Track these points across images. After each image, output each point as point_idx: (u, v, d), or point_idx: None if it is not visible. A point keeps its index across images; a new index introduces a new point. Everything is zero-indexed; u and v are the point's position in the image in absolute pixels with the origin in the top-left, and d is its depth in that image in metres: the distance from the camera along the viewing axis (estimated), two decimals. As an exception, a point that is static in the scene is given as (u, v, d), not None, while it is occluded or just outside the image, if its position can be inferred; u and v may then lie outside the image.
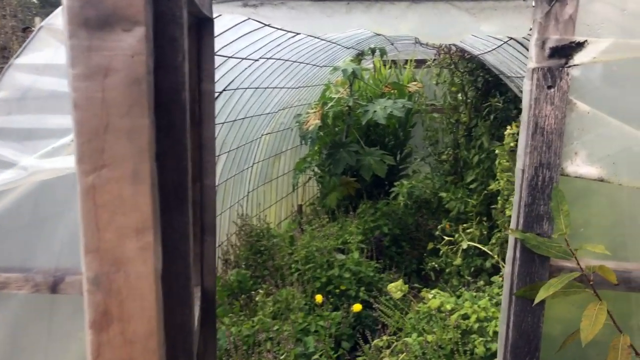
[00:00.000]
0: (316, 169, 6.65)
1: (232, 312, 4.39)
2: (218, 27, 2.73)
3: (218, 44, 2.84)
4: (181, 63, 0.67)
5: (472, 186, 5.83)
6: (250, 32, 3.03)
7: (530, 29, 1.40)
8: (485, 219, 5.37)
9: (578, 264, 1.32)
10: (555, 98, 1.33)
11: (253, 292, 4.59)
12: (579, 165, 1.36)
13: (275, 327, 3.92)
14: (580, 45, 1.32)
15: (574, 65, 1.32)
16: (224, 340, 3.84)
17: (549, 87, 1.34)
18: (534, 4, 1.36)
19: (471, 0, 1.38)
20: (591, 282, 1.30)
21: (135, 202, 0.60)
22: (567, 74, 1.32)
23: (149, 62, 0.60)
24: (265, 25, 2.98)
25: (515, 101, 5.69)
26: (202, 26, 1.44)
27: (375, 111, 5.67)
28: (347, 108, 6.12)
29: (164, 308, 0.65)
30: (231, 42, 2.97)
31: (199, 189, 1.50)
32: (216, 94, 3.61)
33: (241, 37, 2.99)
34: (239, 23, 2.75)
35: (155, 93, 0.63)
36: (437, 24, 1.45)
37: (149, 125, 0.59)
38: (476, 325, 3.23)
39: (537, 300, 1.26)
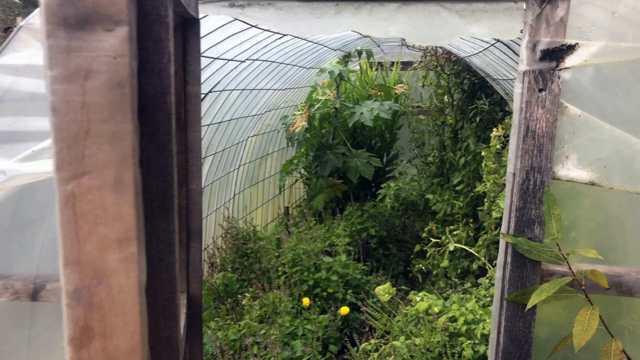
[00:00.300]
0: (303, 171, 6.63)
1: (218, 316, 4.35)
2: (204, 28, 2.70)
3: (204, 45, 2.80)
4: (166, 65, 0.64)
5: (458, 188, 5.85)
6: (237, 33, 2.99)
7: (521, 32, 1.39)
8: (471, 220, 5.39)
9: (570, 268, 1.31)
10: (547, 101, 1.32)
11: (239, 296, 4.55)
12: (570, 169, 1.35)
13: (262, 331, 3.88)
14: (571, 48, 1.31)
15: (565, 68, 1.31)
16: (210, 345, 3.79)
17: (540, 90, 1.32)
18: (524, 6, 1.35)
19: (462, 2, 1.37)
20: (583, 287, 1.29)
21: (117, 212, 0.57)
22: (559, 77, 1.31)
23: (133, 64, 0.56)
24: (252, 26, 2.94)
25: (501, 103, 5.73)
26: (188, 26, 1.41)
27: (362, 113, 5.66)
28: (333, 110, 6.11)
29: (149, 322, 0.61)
30: (217, 43, 2.93)
31: (185, 194, 1.47)
32: (202, 96, 3.56)
33: (228, 38, 2.95)
34: (225, 24, 2.71)
35: (139, 96, 0.60)
36: (427, 26, 1.43)
37: (132, 130, 0.56)
38: (464, 328, 3.23)
39: (529, 306, 1.25)
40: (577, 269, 1.35)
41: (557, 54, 1.31)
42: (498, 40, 3.21)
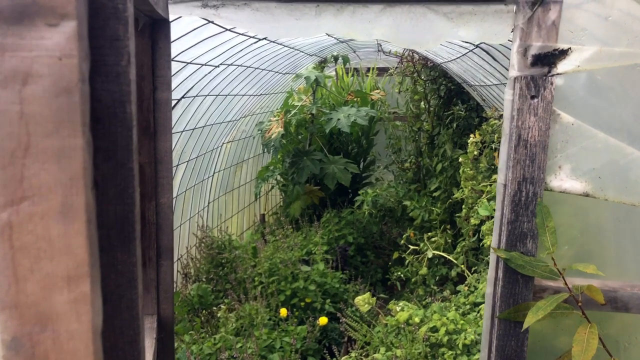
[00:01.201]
0: (279, 178, 6.52)
1: (193, 329, 4.20)
2: (176, 31, 2.59)
3: (176, 48, 2.69)
4: (126, 68, 0.54)
5: (435, 194, 5.82)
6: (211, 36, 2.88)
7: (511, 35, 1.32)
8: (449, 227, 5.35)
9: (566, 284, 1.24)
10: (539, 108, 1.26)
11: (215, 308, 4.41)
12: (563, 180, 1.29)
13: (239, 345, 3.75)
14: (563, 53, 1.25)
15: (558, 73, 1.25)
16: (184, 360, 3.64)
17: (533, 97, 1.26)
18: (515, 9, 1.29)
19: (449, 4, 1.30)
20: (580, 304, 1.23)
21: (65, 244, 0.47)
22: (551, 83, 1.25)
23: (83, 66, 0.46)
24: (227, 29, 2.84)
25: (477, 109, 5.73)
26: (157, 28, 1.30)
27: (339, 119, 5.59)
28: (310, 116, 6.03)
29: (106, 371, 0.52)
30: (190, 47, 2.82)
31: (154, 208, 1.36)
32: (174, 102, 3.44)
33: (201, 42, 2.84)
34: (198, 27, 2.60)
35: (92, 105, 0.50)
36: (412, 29, 1.35)
37: (83, 145, 0.46)
38: (445, 339, 3.17)
39: (525, 326, 1.17)
40: (571, 284, 1.29)
41: (549, 59, 1.25)
42: (477, 46, 3.18)
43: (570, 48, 1.24)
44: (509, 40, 1.33)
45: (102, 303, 0.53)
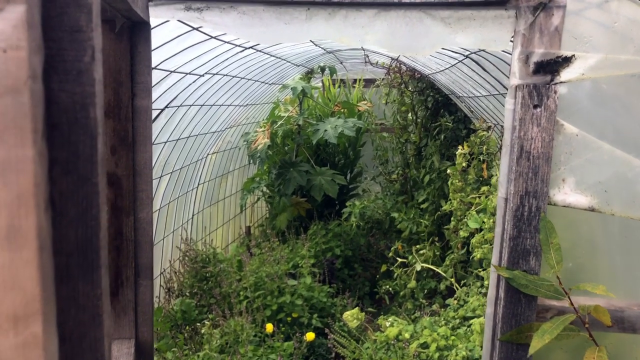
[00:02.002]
0: (265, 189, 6.43)
1: (176, 346, 4.06)
2: (159, 38, 2.50)
3: (159, 56, 2.60)
4: (89, 65, 0.46)
5: (423, 206, 5.77)
6: (196, 44, 2.80)
7: (512, 42, 1.26)
8: (437, 239, 5.30)
9: (572, 304, 1.17)
10: (542, 118, 1.19)
11: (199, 324, 4.27)
12: (568, 194, 1.22)
13: (223, 363, 3.63)
14: (567, 60, 1.18)
15: (561, 82, 1.19)
16: (166, 379, 3.51)
17: (535, 107, 1.19)
18: (516, 14, 1.22)
19: (447, 8, 1.23)
20: (587, 326, 1.15)
21: (11, 276, 0.39)
22: (555, 92, 1.19)
23: (34, 61, 0.38)
24: (212, 37, 2.76)
25: (464, 121, 5.71)
26: (137, 31, 1.22)
27: (326, 130, 5.53)
28: (296, 127, 5.96)
29: None
30: (174, 55, 2.73)
31: (132, 224, 1.26)
32: (158, 111, 3.34)
33: (185, 49, 2.76)
34: (183, 34, 2.52)
35: (47, 109, 0.42)
36: (408, 35, 1.29)
37: (34, 157, 0.38)
38: (436, 355, 3.09)
39: (532, 351, 1.10)
40: (576, 303, 1.22)
41: (552, 66, 1.19)
42: (467, 57, 3.14)
43: (574, 55, 1.18)
44: (503, 51, 1.27)
45: (59, 344, 0.44)
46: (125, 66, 1.21)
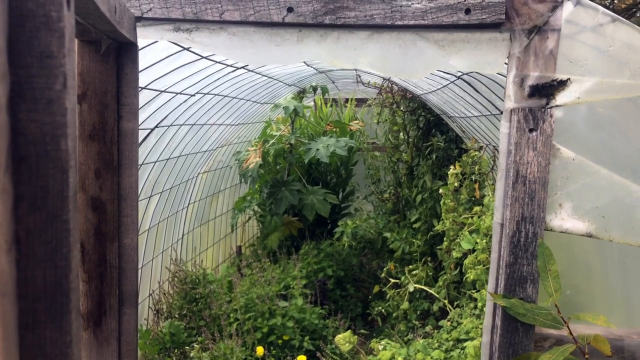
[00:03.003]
0: (256, 208, 6.37)
1: (164, 370, 3.97)
2: (149, 58, 2.48)
3: (150, 76, 2.57)
4: (60, 93, 0.43)
5: (415, 226, 5.74)
6: (186, 64, 2.78)
7: (506, 65, 1.24)
8: (430, 259, 5.25)
9: (571, 334, 1.14)
10: (538, 143, 1.17)
11: (187, 347, 4.18)
12: (565, 219, 1.20)
13: (212, 388, 3.54)
14: (562, 84, 1.17)
15: (557, 105, 1.17)
16: (153, 405, 3.41)
17: (531, 130, 1.17)
18: (510, 37, 1.21)
19: (441, 31, 1.22)
20: (587, 356, 1.12)
21: (-32, 325, 0.35)
22: (551, 116, 1.17)
23: (-1, 90, 0.35)
24: (203, 57, 2.74)
25: (456, 141, 5.72)
26: (123, 52, 1.19)
27: (318, 149, 5.51)
28: (288, 146, 5.94)
29: None
30: (164, 75, 2.71)
31: (117, 250, 1.22)
32: (148, 131, 3.30)
33: (176, 69, 2.73)
34: (173, 54, 2.50)
35: (14, 141, 0.38)
36: (401, 57, 1.27)
37: (-4, 194, 0.35)
38: (430, 379, 3.02)
39: (531, 385, 1.06)
40: (574, 332, 1.18)
41: (547, 90, 1.17)
42: (459, 77, 3.14)
43: (569, 79, 1.17)
44: (498, 74, 1.25)
45: (24, 398, 0.40)
46: (112, 88, 1.18)
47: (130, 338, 1.27)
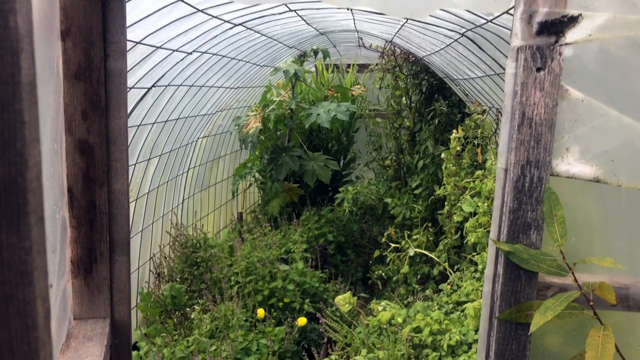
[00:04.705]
0: (257, 175, 6.34)
1: (165, 331, 4.00)
2: (142, 9, 2.40)
3: (144, 29, 2.50)
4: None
5: (417, 192, 5.71)
6: (181, 18, 2.69)
7: (513, 1, 1.17)
8: (430, 225, 5.24)
9: (576, 281, 1.10)
10: (546, 82, 1.11)
11: (188, 309, 4.21)
12: (571, 164, 1.15)
13: (213, 348, 3.57)
14: (573, 20, 1.10)
15: (567, 43, 1.11)
16: (155, 364, 3.44)
17: (539, 70, 1.11)
18: (519, -30, 1.14)
19: (445, -36, 1.15)
20: (591, 303, 1.09)
21: None
22: (560, 54, 1.11)
23: None
24: (199, 10, 2.65)
25: (459, 105, 5.63)
26: (109, -15, 1.12)
27: (319, 114, 5.43)
28: (289, 111, 5.86)
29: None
30: (159, 30, 2.62)
31: (106, 196, 1.18)
32: (145, 90, 3.23)
33: (170, 23, 2.65)
34: (166, 5, 2.41)
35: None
36: (403, -5, 1.20)
37: None
38: (429, 339, 3.03)
39: (533, 328, 1.03)
40: (581, 281, 1.15)
41: (557, 26, 1.11)
42: (462, 35, 3.05)
43: (580, 14, 1.10)
44: (500, 25, 1.19)
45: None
46: (97, 24, 1.12)
47: (122, 286, 1.25)
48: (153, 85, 3.21)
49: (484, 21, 2.44)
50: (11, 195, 0.37)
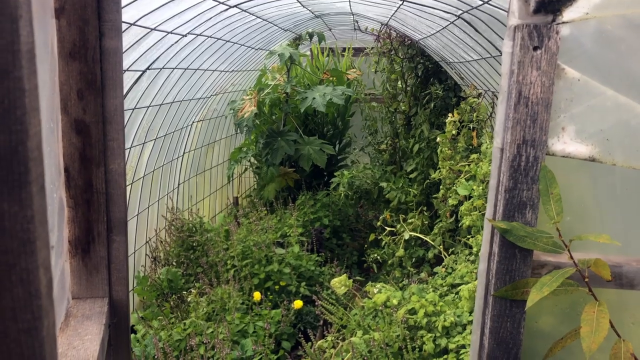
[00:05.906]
0: (253, 159, 6.33)
1: (162, 314, 4.02)
2: (136, -9, 2.37)
3: (138, 10, 2.47)
4: None
5: (412, 176, 5.72)
6: None
7: (511, -20, 1.17)
8: (425, 208, 5.26)
9: (571, 258, 1.12)
10: (542, 61, 1.12)
11: (185, 292, 4.23)
12: (567, 143, 1.16)
13: (210, 330, 3.60)
14: (571, -2, 1.10)
15: (564, 22, 1.11)
16: (152, 347, 3.47)
17: (535, 48, 1.11)
18: (517, -53, 1.13)
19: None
20: (586, 280, 1.10)
21: None
22: (557, 33, 1.11)
23: None
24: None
25: (455, 89, 5.62)
26: (103, -38, 1.11)
27: (314, 98, 5.41)
28: (284, 95, 5.83)
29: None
30: (153, 11, 2.60)
31: (103, 175, 1.18)
32: (139, 73, 3.21)
33: (165, 4, 2.62)
34: (161, -13, 2.38)
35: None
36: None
37: None
38: (424, 321, 3.07)
39: (529, 304, 1.04)
40: (576, 258, 1.16)
41: (554, 5, 1.11)
42: (459, 17, 3.03)
43: (578, -8, 1.10)
44: (499, 8, 1.18)
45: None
46: (91, 2, 1.11)
47: (120, 266, 1.25)
48: (147, 68, 3.19)
49: (480, 2, 2.43)
50: (12, 164, 0.37)
